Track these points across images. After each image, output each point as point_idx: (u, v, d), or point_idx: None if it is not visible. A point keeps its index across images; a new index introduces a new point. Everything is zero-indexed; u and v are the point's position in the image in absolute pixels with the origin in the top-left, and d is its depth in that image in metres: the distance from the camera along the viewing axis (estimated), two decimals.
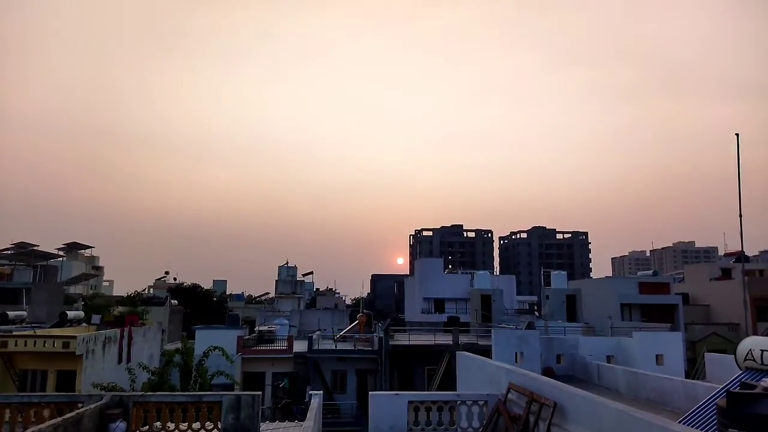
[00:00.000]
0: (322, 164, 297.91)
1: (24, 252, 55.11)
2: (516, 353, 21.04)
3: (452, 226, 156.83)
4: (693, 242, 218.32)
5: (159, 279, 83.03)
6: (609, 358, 23.28)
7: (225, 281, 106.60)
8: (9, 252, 56.83)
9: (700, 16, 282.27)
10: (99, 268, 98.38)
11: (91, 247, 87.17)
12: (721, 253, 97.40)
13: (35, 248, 55.95)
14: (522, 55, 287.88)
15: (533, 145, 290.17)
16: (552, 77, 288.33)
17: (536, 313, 58.82)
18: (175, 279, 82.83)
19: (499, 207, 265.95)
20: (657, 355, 22.72)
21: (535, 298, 75.52)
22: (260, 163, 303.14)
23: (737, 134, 24.76)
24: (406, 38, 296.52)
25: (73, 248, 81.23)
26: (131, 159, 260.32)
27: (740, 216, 24.03)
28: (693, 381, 16.55)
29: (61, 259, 68.52)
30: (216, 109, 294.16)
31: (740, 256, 46.16)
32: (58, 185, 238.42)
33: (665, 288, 47.44)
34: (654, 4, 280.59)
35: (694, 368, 34.40)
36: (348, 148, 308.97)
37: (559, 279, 45.27)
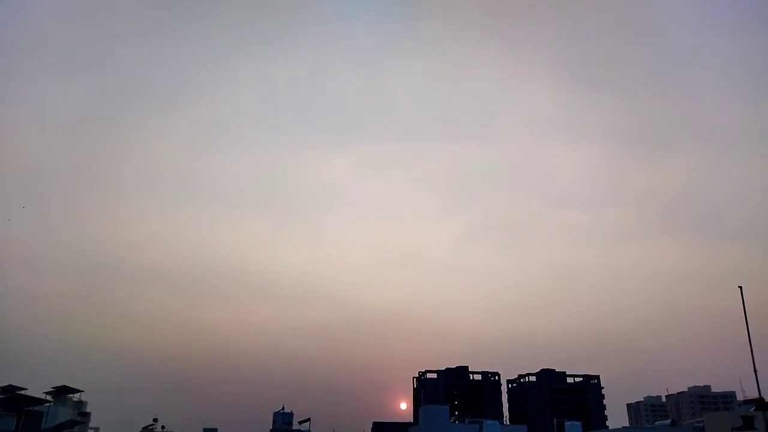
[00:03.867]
0: (321, 303, 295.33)
1: (10, 397, 52.83)
2: None
3: (457, 368, 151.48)
4: (709, 386, 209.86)
5: (146, 427, 78.54)
6: None
7: (215, 430, 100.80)
8: None
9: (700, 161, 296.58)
10: (86, 414, 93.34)
11: (81, 391, 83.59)
12: (739, 397, 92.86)
13: (22, 392, 53.71)
14: (520, 197, 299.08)
15: (536, 285, 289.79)
16: (550, 219, 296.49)
17: None
18: (163, 427, 78.44)
19: (505, 347, 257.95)
20: None
21: None
22: (255, 301, 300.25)
23: (741, 287, 25.00)
24: (406, 179, 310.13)
25: (61, 392, 77.89)
26: (123, 296, 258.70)
27: (755, 370, 23.43)
28: None
29: (48, 404, 65.36)
30: (209, 246, 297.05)
31: (760, 404, 44.00)
32: (51, 323, 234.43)
33: None
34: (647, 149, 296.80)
35: None
36: (347, 287, 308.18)
37: (573, 430, 42.64)
